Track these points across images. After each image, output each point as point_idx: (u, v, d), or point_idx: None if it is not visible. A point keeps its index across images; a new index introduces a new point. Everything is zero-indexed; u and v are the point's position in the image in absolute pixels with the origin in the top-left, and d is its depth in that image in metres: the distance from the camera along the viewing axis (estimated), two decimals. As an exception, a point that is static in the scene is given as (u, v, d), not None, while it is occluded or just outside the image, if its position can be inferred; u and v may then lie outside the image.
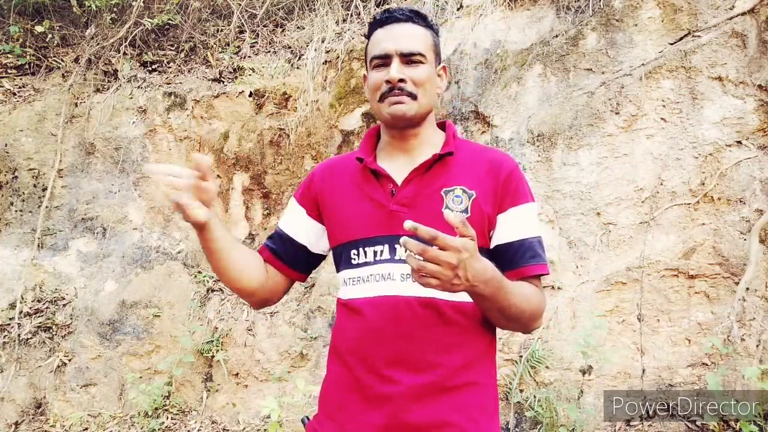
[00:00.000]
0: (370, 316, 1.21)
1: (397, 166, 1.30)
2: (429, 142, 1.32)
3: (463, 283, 0.98)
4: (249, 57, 4.52)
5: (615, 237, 3.38)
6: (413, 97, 1.24)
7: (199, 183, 1.15)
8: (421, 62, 1.25)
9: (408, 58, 1.24)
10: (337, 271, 1.33)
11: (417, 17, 1.29)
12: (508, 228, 1.25)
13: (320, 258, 1.44)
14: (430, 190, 1.25)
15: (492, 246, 1.25)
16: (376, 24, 1.31)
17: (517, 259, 1.23)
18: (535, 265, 1.23)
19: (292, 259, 1.39)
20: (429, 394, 1.18)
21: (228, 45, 4.62)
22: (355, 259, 1.26)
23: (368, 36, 1.34)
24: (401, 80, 1.23)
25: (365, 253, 1.25)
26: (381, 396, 1.18)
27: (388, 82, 1.24)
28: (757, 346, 3.10)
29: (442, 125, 1.38)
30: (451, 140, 1.32)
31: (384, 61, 1.26)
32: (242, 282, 1.32)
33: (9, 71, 4.65)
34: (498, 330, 1.29)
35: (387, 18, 1.29)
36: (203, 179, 1.15)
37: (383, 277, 1.22)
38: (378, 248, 1.24)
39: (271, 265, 1.39)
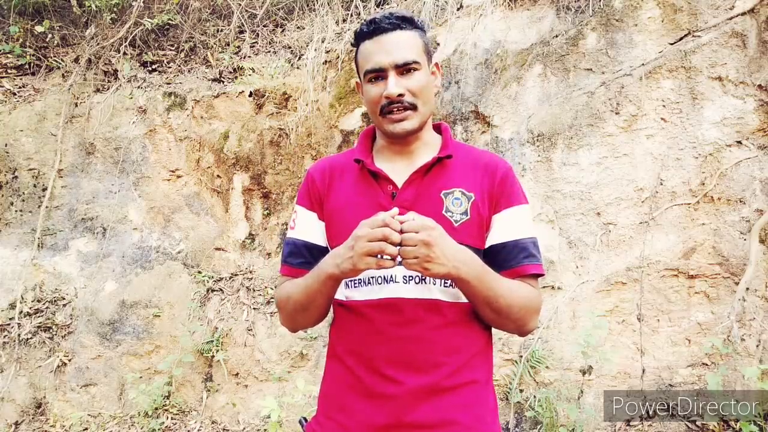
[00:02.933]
0: (373, 318, 1.22)
1: (396, 168, 1.30)
2: (427, 145, 1.33)
3: (444, 263, 1.06)
4: (249, 57, 4.52)
5: (615, 237, 3.38)
6: (414, 107, 1.24)
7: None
8: (416, 69, 1.25)
9: (403, 68, 1.23)
10: None
11: (404, 22, 1.27)
12: (504, 228, 1.26)
13: None
14: (430, 193, 1.25)
15: (487, 246, 1.26)
16: (363, 36, 1.28)
17: (511, 258, 1.24)
18: (530, 264, 1.25)
19: None
20: (433, 393, 1.18)
21: (228, 45, 4.62)
22: None
23: (355, 45, 1.32)
24: (400, 95, 1.23)
25: None
26: (384, 396, 1.19)
27: (387, 97, 1.23)
28: (757, 346, 3.10)
29: (437, 128, 1.39)
30: (449, 143, 1.33)
31: (379, 74, 1.24)
32: (323, 317, 1.32)
33: (9, 71, 4.65)
34: (498, 330, 1.30)
35: (374, 29, 1.26)
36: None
37: (385, 279, 1.22)
38: None
39: None
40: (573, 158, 3.50)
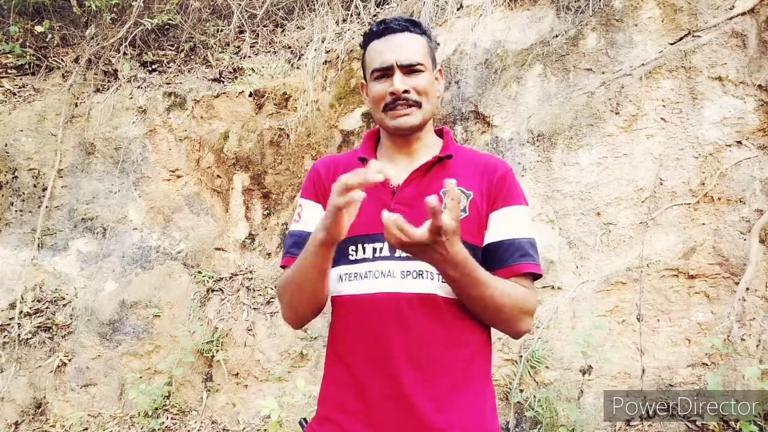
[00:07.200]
0: (369, 313, 1.21)
1: (398, 167, 1.32)
2: (429, 146, 1.36)
3: (449, 248, 1.03)
4: (249, 57, 4.52)
5: (615, 237, 3.38)
6: (418, 105, 1.28)
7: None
8: (421, 71, 1.29)
9: (408, 69, 1.28)
10: (332, 266, 1.31)
11: (412, 26, 1.32)
12: (500, 227, 1.27)
13: None
14: (430, 191, 1.26)
15: (484, 244, 1.27)
16: (372, 35, 1.33)
17: (507, 257, 1.24)
18: (525, 263, 1.24)
19: None
20: (432, 392, 1.18)
21: (228, 45, 4.62)
22: (352, 255, 1.26)
23: (363, 46, 1.36)
24: (405, 91, 1.26)
25: (364, 249, 1.25)
26: (382, 396, 1.18)
27: (392, 93, 1.26)
28: (757, 346, 3.10)
29: (439, 132, 1.42)
30: (450, 145, 1.36)
31: (385, 72, 1.29)
32: (321, 302, 1.26)
33: (9, 71, 4.65)
34: (498, 330, 1.30)
35: (384, 29, 1.31)
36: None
37: (383, 274, 1.22)
38: (377, 245, 1.24)
39: None
40: (573, 158, 3.50)
